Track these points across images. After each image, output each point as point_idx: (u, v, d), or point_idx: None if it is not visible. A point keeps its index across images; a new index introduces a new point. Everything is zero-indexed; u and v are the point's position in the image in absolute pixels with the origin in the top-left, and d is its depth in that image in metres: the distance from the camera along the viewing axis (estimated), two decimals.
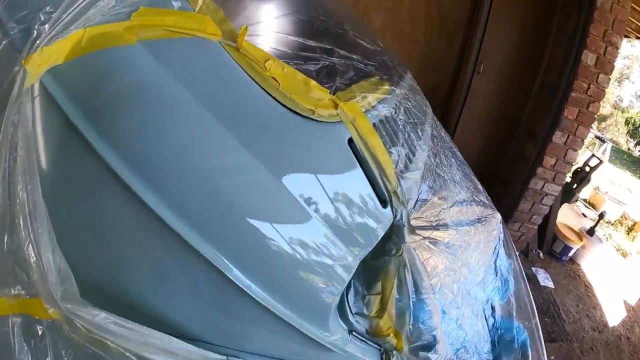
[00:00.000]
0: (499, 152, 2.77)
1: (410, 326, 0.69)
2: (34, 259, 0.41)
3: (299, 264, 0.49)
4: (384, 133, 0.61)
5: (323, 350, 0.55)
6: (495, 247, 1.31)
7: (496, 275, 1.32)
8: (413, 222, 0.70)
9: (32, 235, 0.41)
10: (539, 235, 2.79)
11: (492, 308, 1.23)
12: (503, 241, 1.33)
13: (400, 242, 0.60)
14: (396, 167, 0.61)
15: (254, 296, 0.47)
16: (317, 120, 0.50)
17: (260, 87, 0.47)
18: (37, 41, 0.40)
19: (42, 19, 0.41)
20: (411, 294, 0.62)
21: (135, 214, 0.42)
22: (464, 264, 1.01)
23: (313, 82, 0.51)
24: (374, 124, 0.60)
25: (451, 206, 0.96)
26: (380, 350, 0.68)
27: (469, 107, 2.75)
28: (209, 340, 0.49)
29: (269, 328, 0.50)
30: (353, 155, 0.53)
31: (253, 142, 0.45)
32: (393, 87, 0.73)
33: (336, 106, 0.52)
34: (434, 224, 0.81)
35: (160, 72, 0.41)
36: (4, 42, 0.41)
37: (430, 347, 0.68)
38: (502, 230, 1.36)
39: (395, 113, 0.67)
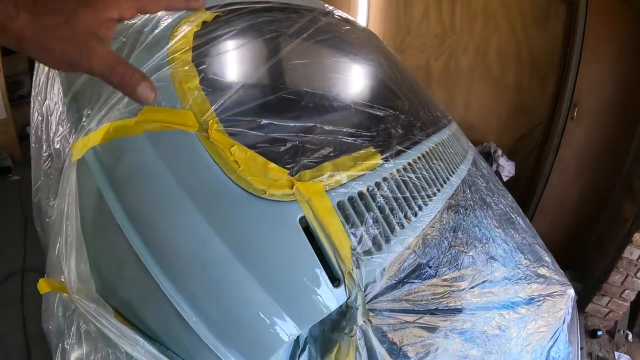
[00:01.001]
0: (595, 208, 2.30)
1: None
2: (64, 265, 0.63)
3: (243, 314, 0.55)
4: (351, 212, 0.61)
5: None
6: (556, 332, 1.04)
7: None
8: (390, 305, 0.66)
9: (64, 252, 0.63)
10: (630, 314, 2.23)
11: None
12: (568, 324, 1.07)
13: (352, 323, 0.58)
14: (359, 248, 0.60)
15: (196, 331, 0.55)
16: (270, 199, 0.56)
17: (222, 170, 0.57)
18: (81, 129, 0.63)
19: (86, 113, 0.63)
20: None
21: (129, 253, 0.57)
22: (489, 352, 0.83)
23: (272, 165, 0.58)
24: (339, 203, 0.61)
25: (472, 287, 0.82)
26: None
27: (562, 156, 2.30)
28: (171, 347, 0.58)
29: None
30: (303, 233, 0.57)
31: (215, 219, 0.55)
32: (385, 160, 0.70)
33: (292, 186, 0.57)
34: (428, 306, 0.73)
35: (154, 156, 0.57)
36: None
37: None
38: (570, 310, 1.08)
39: (375, 189, 0.65)
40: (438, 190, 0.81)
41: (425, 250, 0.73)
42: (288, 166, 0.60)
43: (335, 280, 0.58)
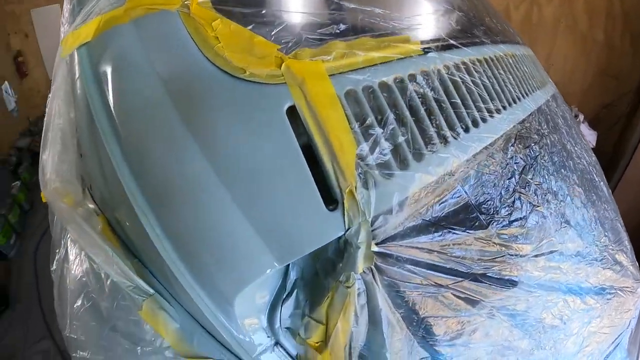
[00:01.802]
0: None
1: None
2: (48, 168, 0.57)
3: (210, 235, 0.41)
4: (364, 106, 0.41)
5: (223, 337, 0.45)
6: (619, 336, 0.78)
7: None
8: (416, 254, 0.45)
9: (51, 150, 0.56)
10: None
11: None
12: (632, 329, 0.80)
13: (349, 268, 0.40)
14: (371, 158, 0.40)
15: (162, 253, 0.44)
16: (249, 81, 0.39)
17: (199, 48, 0.42)
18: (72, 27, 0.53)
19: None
20: (353, 340, 0.41)
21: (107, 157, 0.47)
22: (540, 347, 0.59)
23: (259, 38, 0.40)
24: (348, 92, 0.41)
25: (537, 255, 0.57)
26: None
27: None
28: (146, 264, 0.50)
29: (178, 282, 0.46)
30: (290, 128, 0.39)
31: (187, 109, 0.41)
32: (426, 50, 0.46)
33: (281, 64, 0.39)
34: (473, 269, 0.50)
35: (136, 44, 0.46)
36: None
37: None
38: (637, 313, 0.82)
39: (406, 83, 0.43)
40: (504, 107, 0.55)
41: (478, 188, 0.49)
42: (283, 41, 0.42)
43: (330, 202, 0.40)
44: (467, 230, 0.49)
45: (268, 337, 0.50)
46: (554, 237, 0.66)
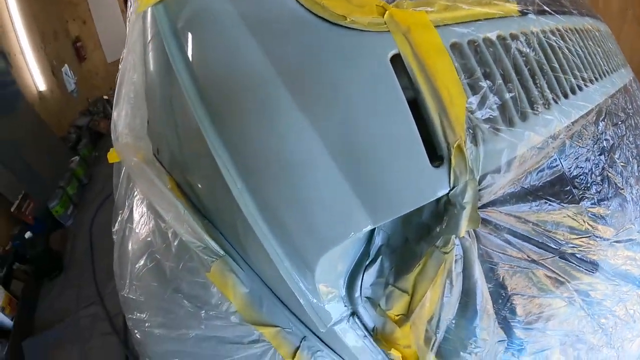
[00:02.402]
0: None
1: None
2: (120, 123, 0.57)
3: (297, 191, 0.39)
4: (471, 59, 0.38)
5: (298, 303, 0.43)
6: None
7: None
8: (513, 223, 0.42)
9: (124, 105, 0.56)
10: None
11: None
12: None
13: (451, 231, 0.37)
14: (480, 112, 0.37)
15: (243, 208, 0.42)
16: (351, 28, 0.37)
17: None
18: None
19: None
20: (440, 311, 0.38)
21: (187, 110, 0.46)
22: (609, 345, 0.54)
23: None
24: (453, 44, 0.38)
25: (617, 241, 0.52)
26: None
27: None
28: (219, 227, 0.48)
29: (254, 240, 0.42)
30: (395, 76, 0.36)
31: (281, 59, 0.38)
32: (524, 11, 0.44)
33: (384, 12, 0.37)
34: (562, 247, 0.46)
35: None
36: None
37: None
38: None
39: (510, 41, 0.40)
40: (596, 78, 0.51)
41: (572, 161, 0.45)
42: None
43: (436, 158, 0.37)
44: (562, 203, 0.45)
45: (345, 306, 0.47)
46: (633, 225, 0.61)
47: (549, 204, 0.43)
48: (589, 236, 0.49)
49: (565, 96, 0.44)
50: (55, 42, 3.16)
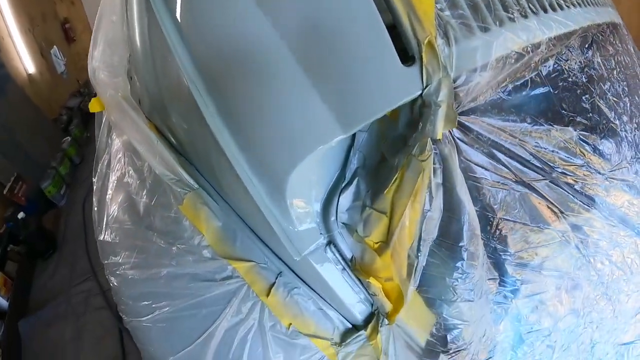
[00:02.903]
0: None
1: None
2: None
3: (263, 102, 0.36)
4: None
5: (275, 236, 0.41)
6: None
7: None
8: (495, 134, 0.39)
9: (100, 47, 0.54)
10: None
11: None
12: None
13: (428, 133, 0.34)
14: (450, 11, 0.34)
15: (212, 128, 0.39)
16: None
17: None
18: None
19: None
20: (424, 232, 0.35)
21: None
22: (605, 296, 0.52)
23: None
24: None
25: (612, 178, 0.50)
26: (371, 305, 0.46)
27: None
28: (193, 161, 0.46)
29: (225, 166, 0.41)
30: None
31: None
32: None
33: None
34: (554, 172, 0.44)
35: None
36: None
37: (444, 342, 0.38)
38: None
39: None
40: (579, 4, 0.48)
41: (558, 81, 0.42)
42: None
43: (406, 58, 0.35)
44: (549, 123, 0.42)
45: (321, 234, 0.44)
46: (629, 166, 0.59)
47: (536, 122, 0.40)
48: (583, 165, 0.46)
49: (545, 10, 0.41)
50: (43, 24, 3.08)
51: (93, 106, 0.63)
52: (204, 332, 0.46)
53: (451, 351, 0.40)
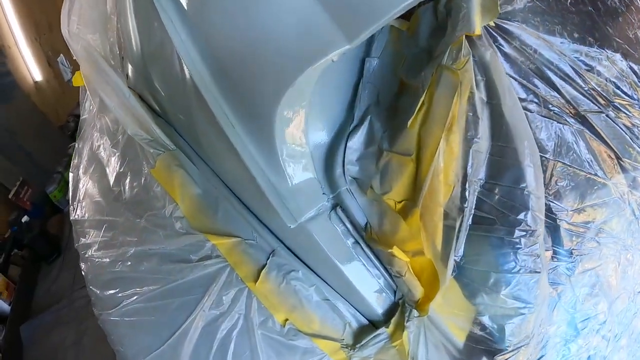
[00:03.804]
0: None
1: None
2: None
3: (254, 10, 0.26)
4: None
5: (264, 199, 0.30)
6: None
7: None
8: (533, 40, 0.27)
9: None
10: None
11: None
12: None
13: (463, 28, 0.23)
14: None
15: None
16: None
17: None
18: None
19: None
20: (473, 178, 0.24)
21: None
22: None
23: None
24: None
25: None
26: (394, 292, 0.34)
27: None
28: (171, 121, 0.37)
29: (203, 114, 0.32)
30: None
31: None
32: None
33: None
34: (610, 103, 0.32)
35: None
36: None
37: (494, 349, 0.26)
38: None
39: None
40: None
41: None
42: None
43: None
44: (597, 44, 0.30)
45: (324, 194, 0.34)
46: None
47: (584, 41, 0.29)
48: (636, 103, 0.34)
49: None
50: (49, 33, 3.12)
51: (77, 80, 0.56)
52: (177, 328, 0.36)
53: (510, 349, 0.27)
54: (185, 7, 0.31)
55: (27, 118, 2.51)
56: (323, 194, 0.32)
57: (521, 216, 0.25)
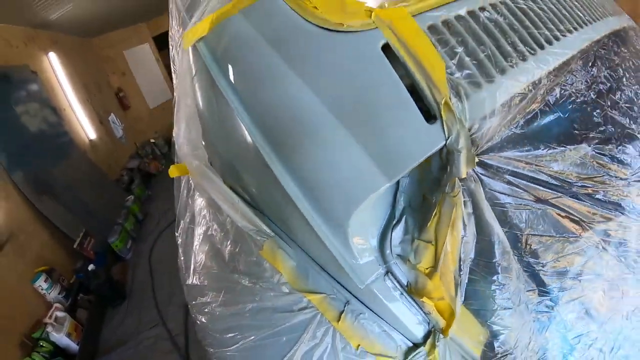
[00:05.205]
0: None
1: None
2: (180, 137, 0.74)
3: (326, 162, 0.50)
4: (446, 34, 0.47)
5: (341, 270, 0.53)
6: None
7: None
8: (512, 165, 0.50)
9: (182, 124, 0.73)
10: None
11: None
12: None
13: (454, 174, 0.46)
14: (460, 73, 0.47)
15: (284, 185, 0.52)
16: (348, 32, 0.48)
17: (300, 16, 0.53)
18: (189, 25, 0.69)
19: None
20: (464, 255, 0.46)
21: (239, 131, 0.58)
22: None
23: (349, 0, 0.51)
24: (430, 26, 0.49)
25: (636, 180, 0.55)
26: (428, 324, 0.55)
27: None
28: (267, 214, 0.60)
29: (298, 218, 0.53)
30: (385, 59, 0.48)
31: (299, 65, 0.52)
32: None
33: (371, 14, 0.49)
34: (573, 186, 0.52)
35: (247, 26, 0.57)
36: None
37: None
38: None
39: (478, 13, 0.50)
40: (575, 28, 0.57)
41: (567, 105, 0.52)
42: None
43: (429, 117, 0.47)
44: (562, 145, 0.51)
45: (379, 265, 0.55)
46: None
47: (549, 147, 0.50)
48: (602, 175, 0.53)
49: (541, 47, 0.52)
50: (99, 94, 3.72)
51: (172, 172, 0.83)
52: (284, 356, 0.59)
53: (499, 355, 0.48)
54: (272, 142, 0.54)
55: (85, 173, 2.98)
56: (379, 265, 0.55)
57: (494, 277, 0.47)
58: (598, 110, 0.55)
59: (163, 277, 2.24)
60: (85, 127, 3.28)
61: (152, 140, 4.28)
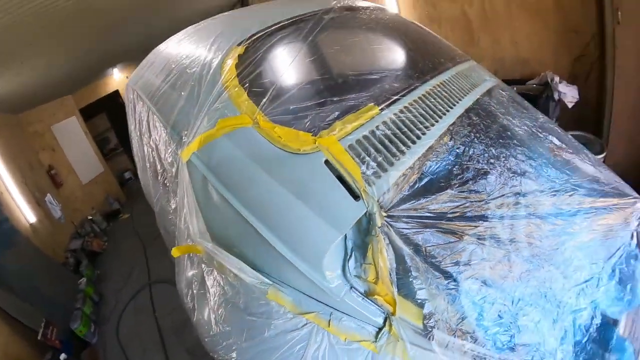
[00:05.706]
0: None
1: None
2: (189, 224, 1.06)
3: (301, 230, 0.88)
4: (358, 149, 0.91)
5: (323, 293, 0.90)
6: (621, 247, 1.12)
7: (612, 281, 1.15)
8: (408, 212, 0.93)
9: (188, 218, 1.06)
10: None
11: (602, 318, 1.09)
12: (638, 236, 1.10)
13: (374, 224, 0.87)
14: (368, 172, 0.89)
15: (276, 247, 0.91)
16: (303, 154, 0.90)
17: (271, 143, 0.92)
18: (184, 144, 1.05)
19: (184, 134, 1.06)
20: (390, 267, 0.86)
21: (229, 211, 0.97)
22: (528, 260, 1.01)
23: (301, 133, 0.90)
24: (349, 145, 0.92)
25: (495, 198, 1.02)
26: (383, 313, 0.94)
27: (621, 67, 2.14)
28: (264, 270, 0.95)
29: (287, 268, 0.91)
30: (328, 170, 0.88)
31: (275, 174, 0.90)
32: (382, 109, 0.99)
33: (315, 142, 0.91)
34: (448, 215, 0.97)
35: (231, 147, 0.94)
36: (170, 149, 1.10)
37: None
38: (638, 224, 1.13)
39: (375, 131, 0.93)
40: (436, 121, 1.05)
41: (434, 169, 0.98)
42: (312, 130, 0.94)
43: (356, 197, 0.88)
44: (434, 194, 0.96)
45: (345, 285, 0.93)
46: (506, 184, 1.11)
47: (426, 198, 0.94)
48: (465, 205, 0.99)
49: (414, 142, 0.98)
50: (31, 172, 3.58)
51: (175, 252, 1.14)
52: (301, 358, 0.92)
53: (426, 316, 0.88)
54: (259, 218, 0.93)
55: (32, 259, 2.90)
56: (345, 285, 0.92)
57: (409, 274, 0.88)
58: (457, 166, 1.02)
59: (136, 355, 2.33)
60: (24, 211, 3.16)
61: (90, 217, 4.20)
